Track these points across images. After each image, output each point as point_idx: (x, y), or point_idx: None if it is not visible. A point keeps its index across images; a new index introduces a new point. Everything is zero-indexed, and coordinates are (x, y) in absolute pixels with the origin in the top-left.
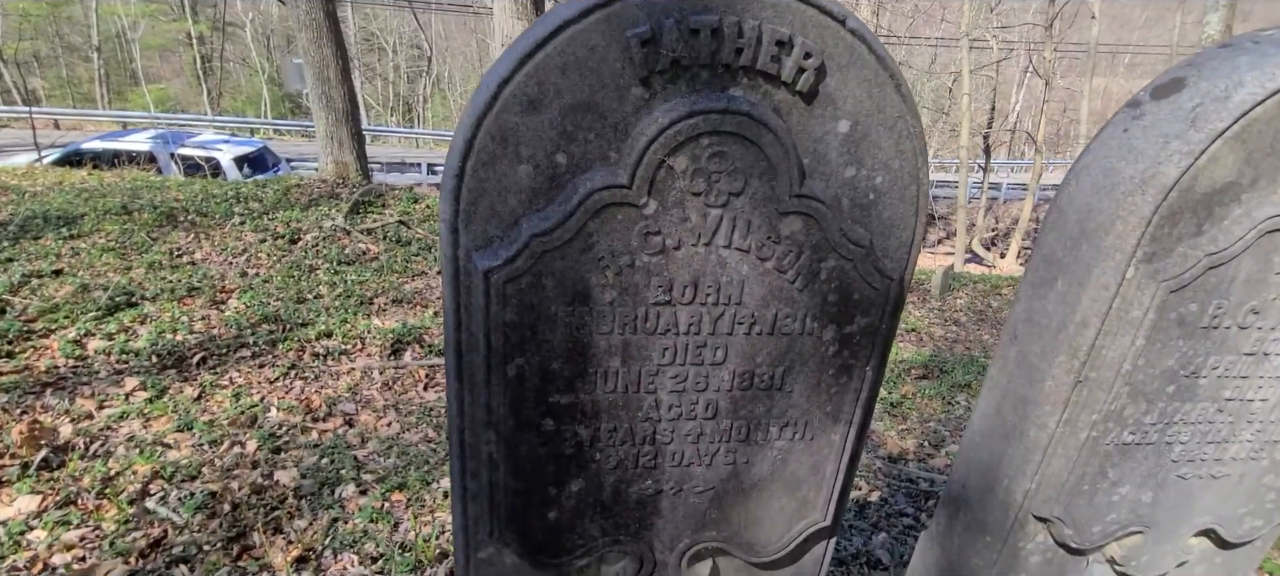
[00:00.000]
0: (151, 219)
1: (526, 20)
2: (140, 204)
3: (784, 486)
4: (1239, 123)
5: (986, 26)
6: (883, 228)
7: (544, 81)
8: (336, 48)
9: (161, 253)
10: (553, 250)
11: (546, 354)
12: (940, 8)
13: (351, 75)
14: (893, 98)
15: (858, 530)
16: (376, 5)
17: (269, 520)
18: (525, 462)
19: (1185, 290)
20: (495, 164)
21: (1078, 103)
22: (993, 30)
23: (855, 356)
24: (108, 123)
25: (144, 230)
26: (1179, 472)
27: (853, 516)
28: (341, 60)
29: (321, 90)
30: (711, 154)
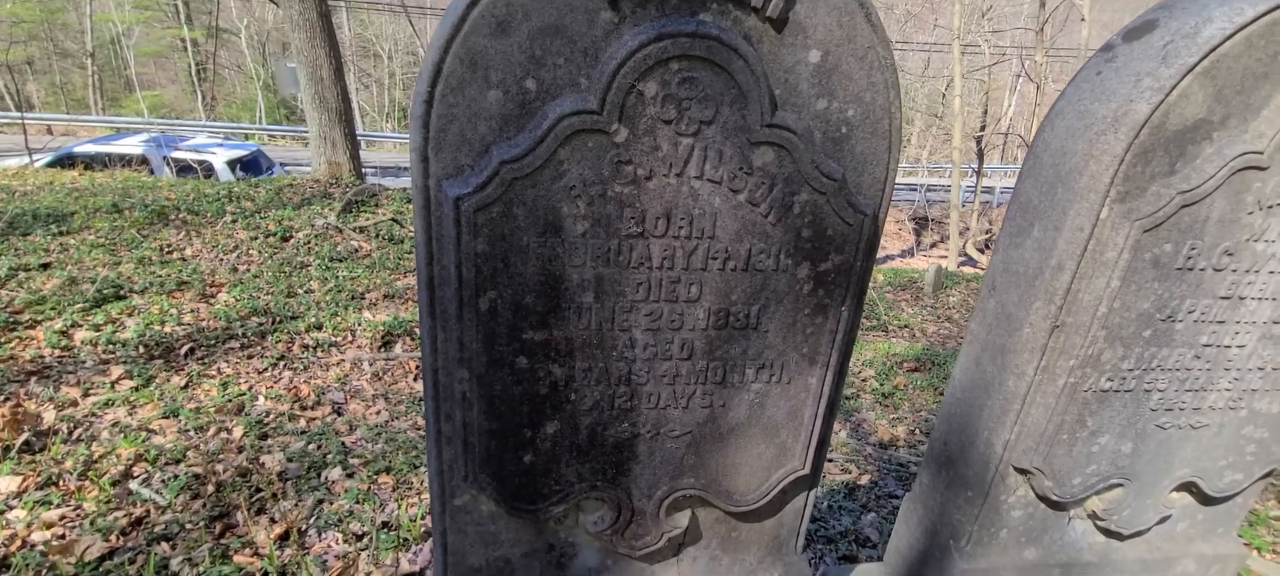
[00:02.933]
0: (142, 217)
1: None
2: (131, 202)
3: (762, 431)
4: (1208, 58)
5: (979, 31)
6: (856, 162)
7: (512, 3)
8: (330, 48)
9: (152, 249)
10: (523, 178)
11: (519, 287)
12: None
13: (345, 77)
14: (863, 27)
15: (847, 510)
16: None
17: (254, 501)
18: (499, 402)
19: (1159, 229)
20: (464, 89)
21: None
22: (985, 35)
23: (830, 295)
24: (102, 129)
25: (134, 227)
26: (1158, 422)
27: (842, 498)
28: (335, 60)
29: (315, 90)
30: (681, 79)
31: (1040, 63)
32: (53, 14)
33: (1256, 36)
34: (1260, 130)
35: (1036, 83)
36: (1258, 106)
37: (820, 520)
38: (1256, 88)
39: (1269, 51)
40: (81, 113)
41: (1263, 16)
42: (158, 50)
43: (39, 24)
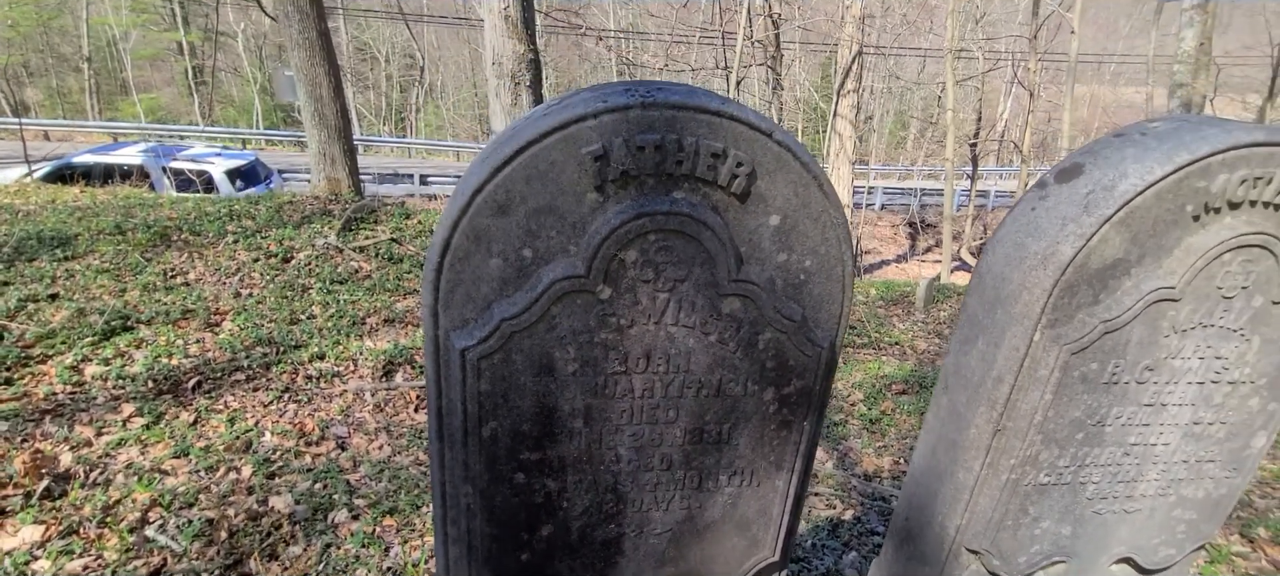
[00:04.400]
0: (145, 238)
1: (516, 38)
2: (134, 223)
3: (735, 527)
4: (1123, 209)
5: (973, 38)
6: (814, 303)
7: (511, 190)
8: (329, 65)
9: (156, 273)
10: (521, 331)
11: (517, 417)
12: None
13: (344, 91)
14: (816, 195)
15: (830, 549)
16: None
17: (265, 546)
18: (500, 511)
19: (1085, 352)
20: (470, 259)
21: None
22: (979, 42)
23: (793, 413)
24: (98, 134)
25: (138, 250)
26: (1094, 509)
27: (825, 536)
28: (334, 78)
29: (315, 108)
30: (658, 248)
31: (1032, 70)
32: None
33: (1165, 191)
34: (1172, 267)
35: (1029, 89)
36: (1170, 247)
37: (804, 559)
38: (1167, 232)
39: (1176, 203)
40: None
41: (1170, 175)
42: (154, 54)
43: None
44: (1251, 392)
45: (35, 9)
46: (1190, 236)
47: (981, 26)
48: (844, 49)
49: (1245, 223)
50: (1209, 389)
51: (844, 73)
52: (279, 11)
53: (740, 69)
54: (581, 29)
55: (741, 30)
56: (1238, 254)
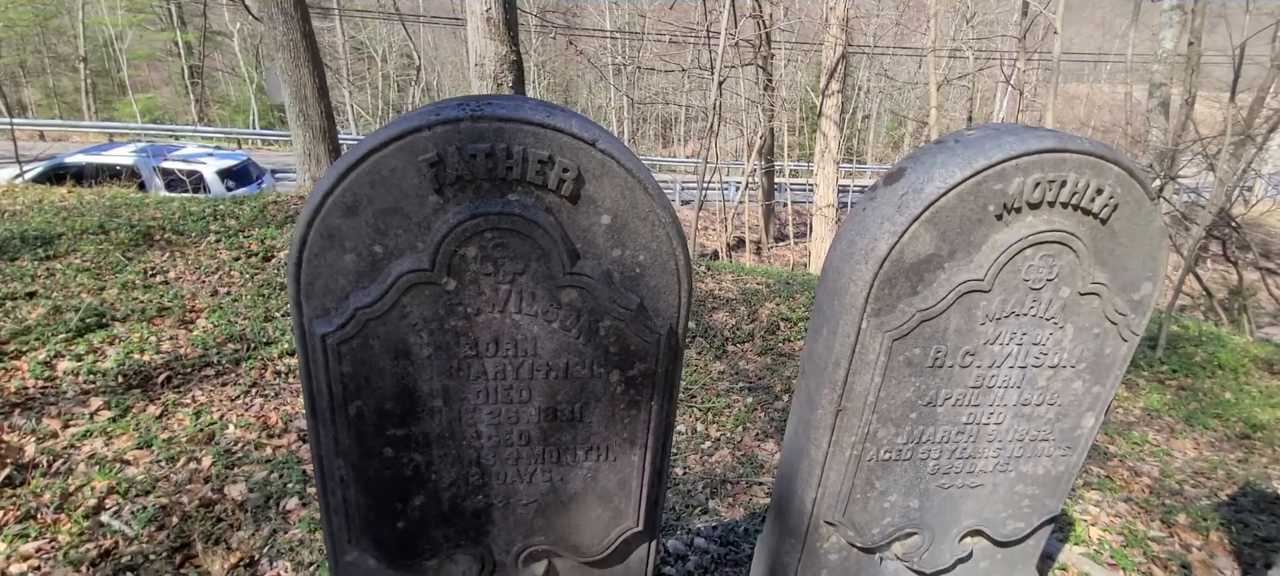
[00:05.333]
0: (128, 238)
1: (498, 40)
2: (118, 222)
3: (597, 499)
4: (929, 209)
5: (963, 38)
6: (651, 293)
7: (358, 193)
8: (314, 66)
9: (136, 272)
10: (375, 319)
11: (380, 397)
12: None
13: (329, 92)
14: (642, 197)
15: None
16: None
17: (214, 531)
18: (372, 483)
19: (907, 338)
20: (325, 254)
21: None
22: (969, 42)
23: (640, 394)
24: (94, 134)
25: (120, 249)
26: (938, 483)
27: (760, 523)
28: (319, 78)
29: (299, 109)
30: (495, 244)
31: (1021, 70)
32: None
33: (966, 192)
34: (980, 262)
35: (1018, 89)
36: (978, 243)
37: (733, 544)
38: (974, 230)
39: (978, 203)
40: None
41: (970, 178)
42: (150, 54)
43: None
44: (1073, 376)
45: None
46: (995, 233)
47: (972, 26)
48: (828, 50)
49: (1044, 222)
50: (1031, 372)
51: (828, 73)
52: (263, 13)
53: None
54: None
55: (724, 30)
56: (1039, 249)
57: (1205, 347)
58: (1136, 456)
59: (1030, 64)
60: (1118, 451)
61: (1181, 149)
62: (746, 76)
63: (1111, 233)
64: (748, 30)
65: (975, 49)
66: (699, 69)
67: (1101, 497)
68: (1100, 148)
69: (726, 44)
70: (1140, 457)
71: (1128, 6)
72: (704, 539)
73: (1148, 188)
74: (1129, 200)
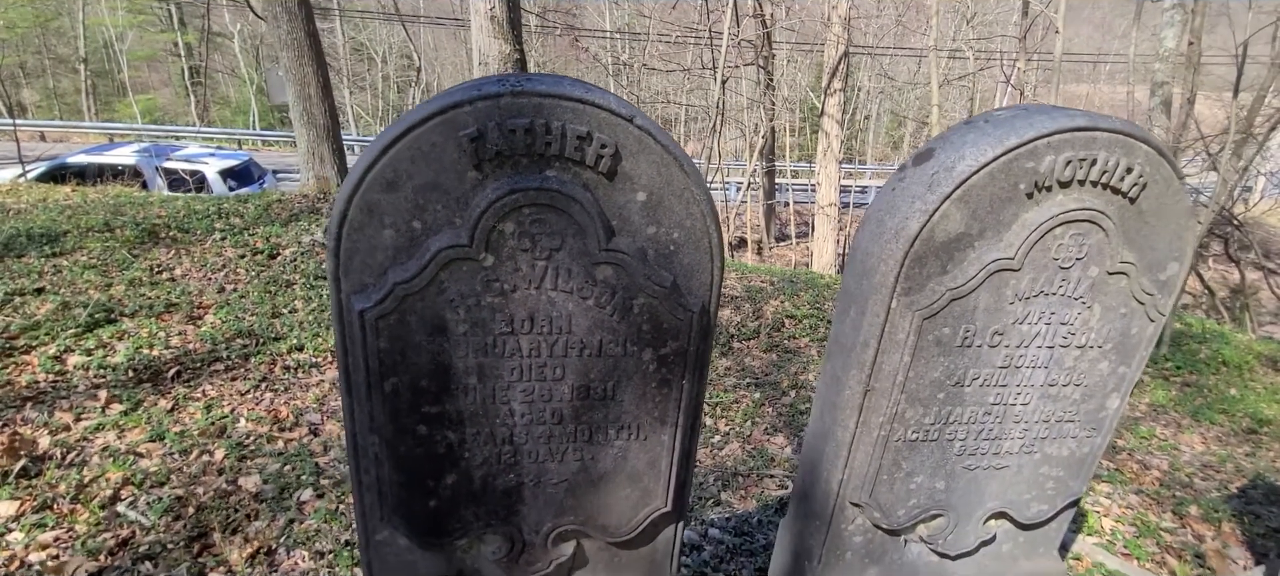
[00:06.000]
0: (133, 236)
1: (502, 39)
2: (123, 221)
3: (627, 478)
4: (961, 187)
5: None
6: (684, 271)
7: (399, 168)
8: (317, 65)
9: (142, 269)
10: (413, 294)
11: (415, 373)
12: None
13: (332, 91)
14: (678, 174)
15: (773, 525)
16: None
17: (230, 522)
18: (405, 460)
19: (937, 317)
20: (364, 229)
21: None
22: (969, 42)
23: (672, 372)
24: (94, 135)
25: (126, 247)
26: (964, 464)
27: (773, 514)
28: (322, 77)
29: (303, 107)
30: (533, 220)
31: (1022, 70)
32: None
33: (998, 171)
34: (1010, 241)
35: (1019, 89)
36: (1008, 222)
37: (747, 534)
38: (1004, 208)
39: (1009, 182)
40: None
41: (1001, 156)
42: (150, 55)
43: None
44: (1099, 357)
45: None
46: (1025, 212)
47: (973, 26)
48: (830, 48)
49: (1074, 200)
50: (1059, 353)
51: (830, 72)
52: (268, 12)
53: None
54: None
55: (727, 30)
56: (1068, 228)
57: (1209, 345)
58: (1145, 450)
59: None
60: (1126, 445)
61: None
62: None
63: (1139, 212)
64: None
65: (976, 49)
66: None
67: (1112, 489)
68: (1130, 127)
69: (729, 44)
70: (1149, 451)
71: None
72: (718, 530)
73: (1176, 167)
74: (1157, 179)
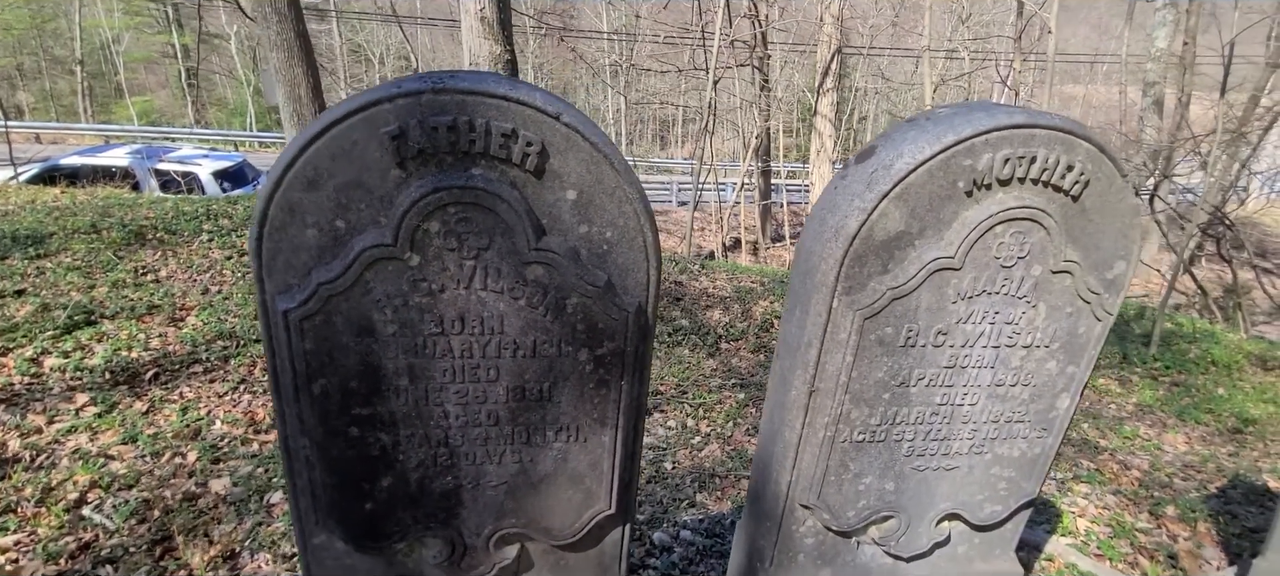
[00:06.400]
0: (120, 237)
1: (492, 39)
2: (110, 222)
3: (568, 480)
4: (899, 186)
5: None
6: (619, 270)
7: (319, 167)
8: (307, 66)
9: (127, 271)
10: (338, 295)
11: (345, 375)
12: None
13: (323, 92)
14: (609, 172)
15: None
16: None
17: (197, 524)
18: (338, 463)
19: (878, 316)
20: (286, 229)
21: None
22: (964, 42)
23: (609, 373)
24: (89, 136)
25: (111, 249)
26: (913, 465)
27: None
28: (313, 78)
29: (293, 108)
30: (459, 218)
31: (1017, 70)
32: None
33: (936, 168)
34: (951, 239)
35: (1014, 90)
36: (948, 220)
37: (719, 536)
38: (944, 207)
39: (948, 179)
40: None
41: (939, 154)
42: (147, 57)
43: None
44: (1047, 356)
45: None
46: (966, 210)
47: (968, 26)
48: (823, 47)
49: (1015, 198)
50: (1005, 352)
51: (823, 71)
52: (257, 13)
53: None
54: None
55: (718, 30)
56: (1009, 226)
57: (1199, 344)
58: (1127, 450)
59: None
60: (1109, 445)
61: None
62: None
63: (1083, 210)
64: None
65: (971, 49)
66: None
67: (1091, 490)
68: (1071, 123)
69: (721, 44)
70: (1131, 452)
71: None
72: (690, 531)
73: (1119, 165)
74: (1100, 177)
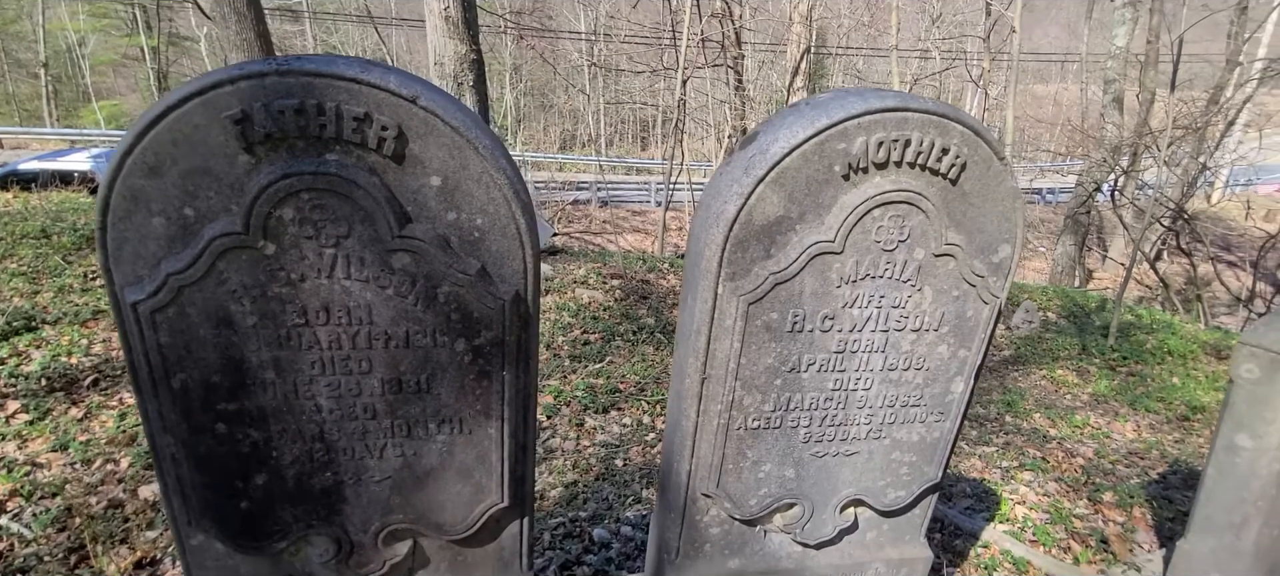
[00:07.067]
0: (70, 242)
1: (457, 39)
2: (62, 226)
3: (457, 474)
4: (775, 170)
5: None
6: (493, 258)
7: (160, 152)
8: None
9: (75, 276)
10: (190, 285)
11: (205, 369)
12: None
13: None
14: (474, 158)
15: None
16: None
17: (119, 532)
18: (207, 461)
19: (762, 302)
20: (131, 217)
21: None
22: (935, 42)
23: (490, 363)
24: (54, 141)
25: (60, 254)
26: (812, 452)
27: None
28: None
29: None
30: (313, 205)
31: (987, 68)
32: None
33: (810, 152)
34: (831, 223)
35: (983, 88)
36: (827, 204)
37: None
38: (822, 191)
39: (824, 163)
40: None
41: (813, 137)
42: (114, 59)
43: None
44: (937, 340)
45: None
46: (843, 194)
47: (939, 27)
48: (793, 47)
49: (891, 182)
50: (894, 336)
51: (793, 71)
52: (216, 13)
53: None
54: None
55: (687, 29)
56: (887, 209)
57: (1156, 335)
58: (1075, 439)
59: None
60: (1058, 434)
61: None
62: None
63: (963, 194)
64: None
65: (942, 50)
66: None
67: (1033, 478)
68: (943, 107)
69: (690, 43)
70: (1079, 440)
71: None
72: (631, 527)
73: (995, 147)
74: (977, 160)
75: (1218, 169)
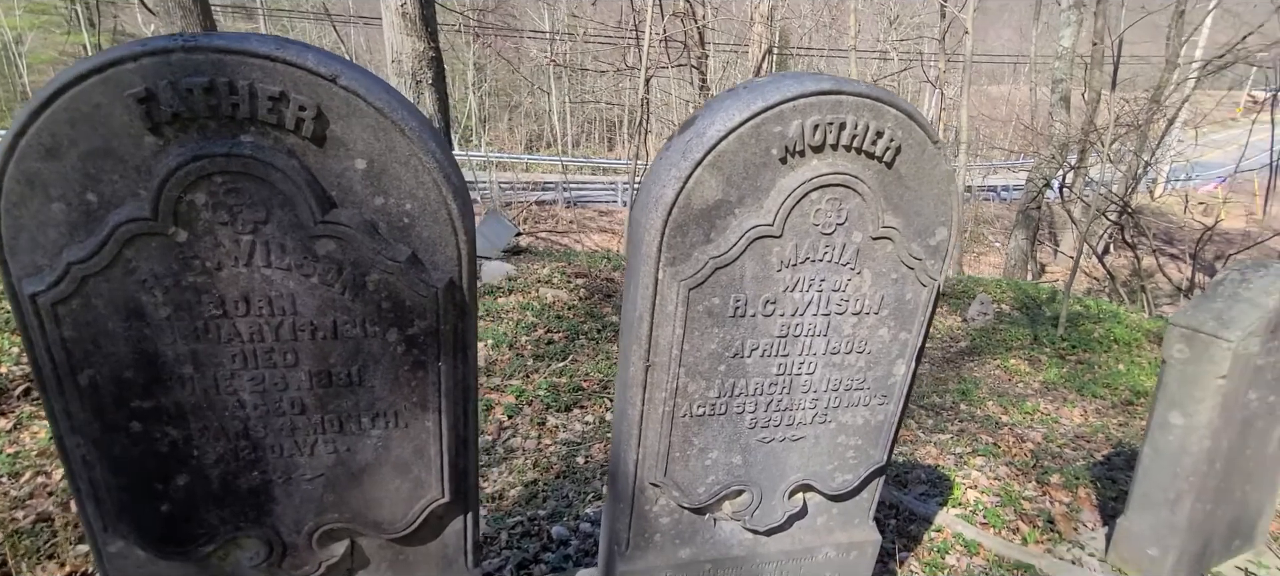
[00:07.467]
0: None
1: (415, 36)
2: None
3: (394, 469)
4: (712, 153)
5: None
6: (425, 245)
7: (57, 133)
8: None
9: None
10: (95, 275)
11: (116, 364)
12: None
13: None
14: (400, 140)
15: None
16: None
17: (46, 547)
18: (122, 462)
19: (703, 287)
20: (27, 203)
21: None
22: (893, 43)
23: (425, 354)
24: None
25: None
26: (759, 437)
27: None
28: None
29: None
30: (227, 189)
31: (943, 68)
32: None
33: (747, 135)
34: (769, 207)
35: (938, 88)
36: (765, 188)
37: None
38: (760, 174)
39: (761, 147)
40: None
41: (749, 120)
42: (54, 59)
43: None
44: (878, 323)
45: None
46: (781, 177)
47: (896, 28)
48: (754, 47)
49: (828, 165)
50: (836, 320)
51: (754, 71)
52: (160, 8)
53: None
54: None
55: (649, 29)
56: (824, 193)
57: (1103, 325)
58: (1026, 425)
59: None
60: (1009, 420)
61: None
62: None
63: (899, 177)
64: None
65: (900, 51)
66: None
67: (985, 463)
68: (878, 91)
69: (653, 42)
70: (1029, 426)
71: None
72: (590, 523)
73: (930, 131)
74: (911, 143)
75: (1159, 165)
